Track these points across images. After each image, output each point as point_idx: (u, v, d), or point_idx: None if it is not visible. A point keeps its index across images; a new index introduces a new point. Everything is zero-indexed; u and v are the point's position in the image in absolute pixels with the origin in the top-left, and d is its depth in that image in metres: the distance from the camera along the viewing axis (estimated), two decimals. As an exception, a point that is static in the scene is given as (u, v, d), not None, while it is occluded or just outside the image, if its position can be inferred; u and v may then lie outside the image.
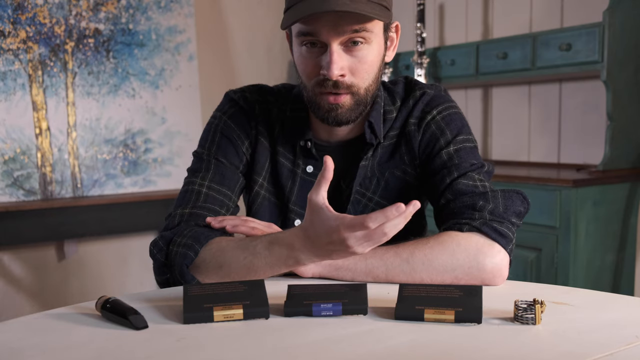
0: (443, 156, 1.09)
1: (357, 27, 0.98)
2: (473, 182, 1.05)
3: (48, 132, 2.84)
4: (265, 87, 1.21)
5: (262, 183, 1.16)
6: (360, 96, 1.04)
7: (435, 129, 1.12)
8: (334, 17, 0.96)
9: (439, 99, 1.15)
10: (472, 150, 1.11)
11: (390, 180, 1.14)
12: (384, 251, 0.96)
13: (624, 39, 2.19)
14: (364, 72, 1.03)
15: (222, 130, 1.15)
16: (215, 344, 0.74)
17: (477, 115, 3.03)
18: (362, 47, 1.01)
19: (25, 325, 0.82)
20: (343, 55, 1.00)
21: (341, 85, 1.01)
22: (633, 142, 2.27)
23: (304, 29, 0.99)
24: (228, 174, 1.13)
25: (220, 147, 1.14)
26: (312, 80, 1.03)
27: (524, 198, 1.03)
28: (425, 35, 2.85)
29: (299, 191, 1.15)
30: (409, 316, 0.80)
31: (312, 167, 1.15)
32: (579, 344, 0.71)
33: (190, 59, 3.15)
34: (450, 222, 1.01)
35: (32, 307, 2.98)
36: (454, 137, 1.11)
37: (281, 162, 1.15)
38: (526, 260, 2.25)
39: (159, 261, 1.04)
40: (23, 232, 2.74)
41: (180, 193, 1.13)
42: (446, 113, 1.13)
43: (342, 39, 0.98)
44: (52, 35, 2.85)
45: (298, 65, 1.06)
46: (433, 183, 1.10)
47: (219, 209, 1.10)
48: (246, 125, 1.15)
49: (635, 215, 2.25)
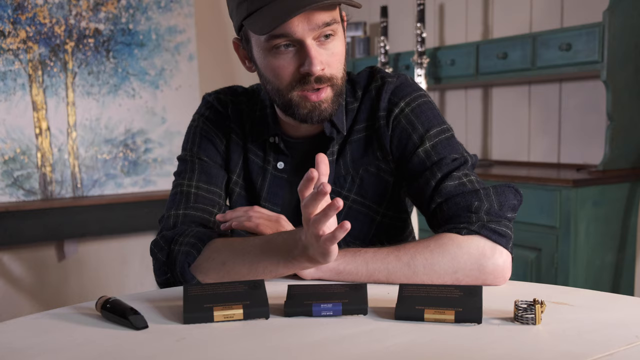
0: (420, 155, 1.07)
1: (328, 19, 0.98)
2: (460, 181, 1.03)
3: (48, 132, 2.84)
4: (239, 87, 1.23)
5: (236, 180, 1.18)
6: (338, 87, 1.04)
7: (406, 124, 1.09)
8: (305, 13, 0.96)
9: (405, 89, 1.11)
10: (448, 141, 1.08)
11: (365, 177, 1.13)
12: (384, 255, 0.96)
13: (624, 39, 2.19)
14: (338, 63, 1.04)
15: (201, 131, 1.18)
16: (215, 344, 0.74)
17: (477, 115, 3.03)
18: (333, 40, 1.01)
19: (25, 325, 0.82)
20: (319, 49, 1.00)
21: (323, 79, 1.01)
22: (633, 142, 2.27)
23: (277, 32, 0.97)
24: (213, 172, 1.15)
25: (202, 147, 1.16)
26: (290, 81, 1.02)
27: (516, 191, 1.02)
28: (425, 35, 2.85)
29: (269, 187, 1.16)
30: (409, 316, 0.80)
31: (282, 164, 1.15)
32: (579, 344, 0.71)
33: (190, 59, 3.15)
34: (447, 227, 0.99)
35: (32, 307, 2.98)
36: (427, 131, 1.07)
37: (252, 159, 1.17)
38: (526, 260, 2.25)
39: (160, 260, 1.04)
40: (23, 232, 2.74)
41: (170, 196, 1.15)
42: (415, 104, 1.10)
43: (315, 34, 0.98)
44: (52, 35, 2.85)
45: (270, 71, 1.03)
46: (417, 187, 1.07)
47: (211, 208, 1.12)
48: (221, 124, 1.18)
49: (635, 215, 2.25)
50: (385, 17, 3.12)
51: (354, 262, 0.96)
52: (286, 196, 1.16)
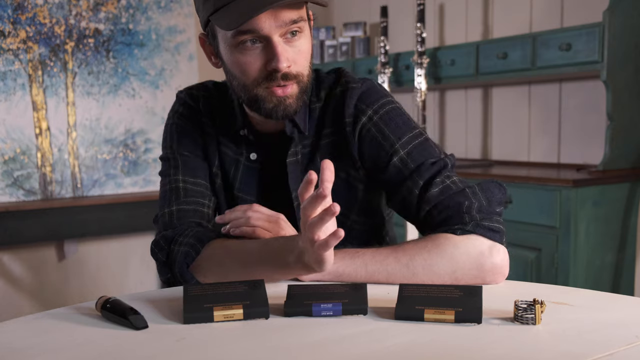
0: (396, 164, 1.05)
1: (295, 17, 0.98)
2: (444, 185, 1.02)
3: (48, 132, 2.84)
4: (211, 82, 1.24)
5: (216, 171, 1.18)
6: (304, 84, 1.04)
7: (376, 132, 1.07)
8: (272, 10, 0.96)
9: (372, 95, 1.10)
10: (423, 145, 1.06)
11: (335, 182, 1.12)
12: (383, 256, 0.96)
13: (624, 39, 2.19)
14: (304, 61, 1.04)
15: (177, 128, 1.18)
16: (215, 344, 0.74)
17: (477, 115, 3.03)
18: (299, 37, 1.01)
19: (25, 325, 0.82)
20: (285, 47, 1.00)
21: (289, 76, 1.01)
22: (633, 142, 2.27)
23: (244, 28, 0.97)
24: (196, 165, 1.16)
25: (181, 143, 1.17)
26: (257, 77, 1.02)
27: (500, 185, 1.03)
28: (425, 35, 2.85)
29: (242, 177, 1.16)
30: (409, 316, 0.80)
31: (255, 155, 1.16)
32: (579, 344, 0.71)
33: (190, 59, 3.15)
34: (441, 229, 0.99)
35: (32, 307, 2.98)
36: (399, 139, 1.06)
37: (224, 151, 1.18)
38: (526, 260, 2.25)
39: (161, 261, 1.04)
40: (23, 232, 2.74)
41: (160, 194, 1.15)
42: (383, 112, 1.08)
43: (282, 31, 0.98)
44: (52, 35, 2.85)
45: (237, 67, 1.03)
46: (400, 197, 1.05)
47: (202, 200, 1.13)
48: (194, 119, 1.19)
49: (635, 215, 2.25)
50: (385, 17, 3.12)
51: (353, 264, 0.96)
52: (259, 187, 1.17)
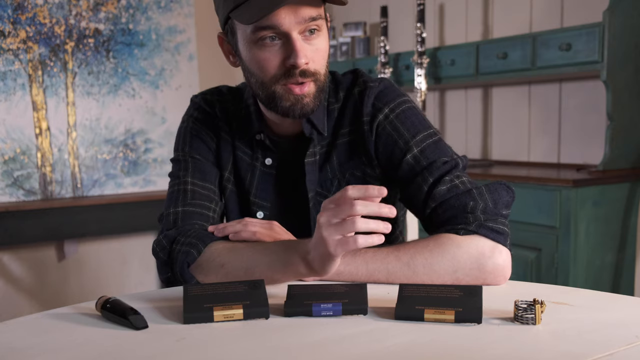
0: (409, 161, 1.07)
1: (314, 14, 0.99)
2: (452, 184, 1.03)
3: (48, 132, 2.84)
4: (225, 87, 1.25)
5: (228, 177, 1.19)
6: (321, 83, 1.05)
7: (391, 131, 1.09)
8: (292, 6, 0.97)
9: (389, 94, 1.12)
10: (436, 144, 1.08)
11: (351, 181, 1.13)
12: (384, 255, 0.96)
13: (624, 39, 2.19)
14: (322, 59, 1.04)
15: (191, 131, 1.19)
16: (215, 344, 0.74)
17: (477, 115, 3.03)
18: (318, 36, 1.02)
19: (25, 325, 0.82)
20: (304, 44, 1.01)
21: (307, 73, 1.02)
22: (633, 142, 2.27)
23: (264, 23, 0.98)
24: (207, 169, 1.17)
25: (193, 146, 1.18)
26: (275, 74, 1.02)
27: (508, 187, 1.03)
28: (425, 35, 2.85)
29: (258, 183, 1.17)
30: (409, 316, 0.80)
31: (270, 160, 1.16)
32: (579, 344, 0.71)
33: (190, 59, 3.15)
34: (445, 228, 1.00)
35: (32, 307, 2.98)
36: (413, 137, 1.08)
37: (240, 156, 1.18)
38: (526, 260, 2.25)
39: (162, 259, 1.05)
40: (23, 232, 2.74)
41: (168, 195, 1.16)
42: (399, 110, 1.10)
43: (301, 28, 0.99)
44: (52, 35, 2.85)
45: (255, 63, 1.03)
46: (410, 193, 1.07)
47: (208, 204, 1.13)
48: (210, 123, 1.19)
49: (635, 215, 2.25)
50: (385, 17, 3.12)
51: (354, 262, 0.96)
52: (275, 191, 1.17)
